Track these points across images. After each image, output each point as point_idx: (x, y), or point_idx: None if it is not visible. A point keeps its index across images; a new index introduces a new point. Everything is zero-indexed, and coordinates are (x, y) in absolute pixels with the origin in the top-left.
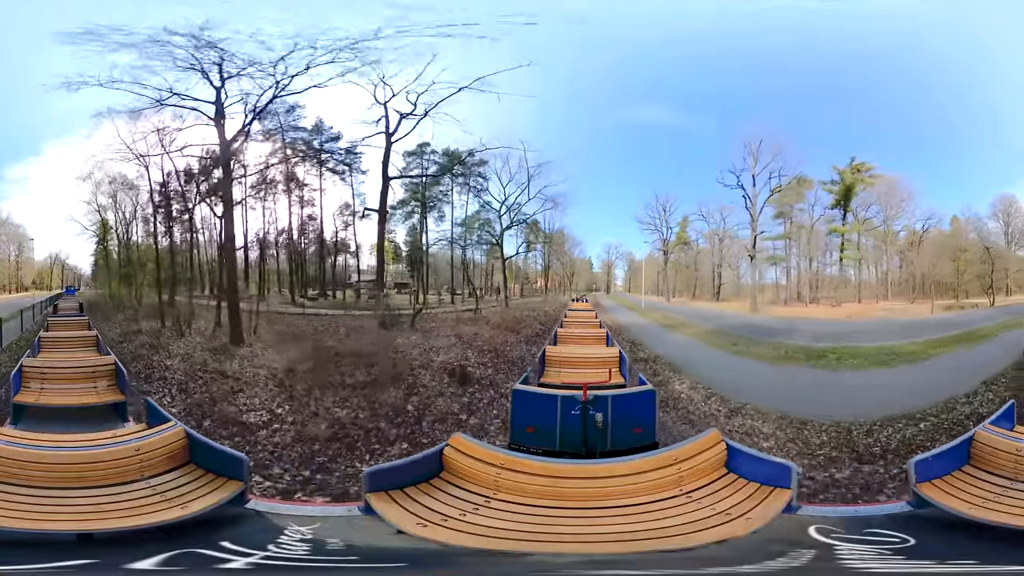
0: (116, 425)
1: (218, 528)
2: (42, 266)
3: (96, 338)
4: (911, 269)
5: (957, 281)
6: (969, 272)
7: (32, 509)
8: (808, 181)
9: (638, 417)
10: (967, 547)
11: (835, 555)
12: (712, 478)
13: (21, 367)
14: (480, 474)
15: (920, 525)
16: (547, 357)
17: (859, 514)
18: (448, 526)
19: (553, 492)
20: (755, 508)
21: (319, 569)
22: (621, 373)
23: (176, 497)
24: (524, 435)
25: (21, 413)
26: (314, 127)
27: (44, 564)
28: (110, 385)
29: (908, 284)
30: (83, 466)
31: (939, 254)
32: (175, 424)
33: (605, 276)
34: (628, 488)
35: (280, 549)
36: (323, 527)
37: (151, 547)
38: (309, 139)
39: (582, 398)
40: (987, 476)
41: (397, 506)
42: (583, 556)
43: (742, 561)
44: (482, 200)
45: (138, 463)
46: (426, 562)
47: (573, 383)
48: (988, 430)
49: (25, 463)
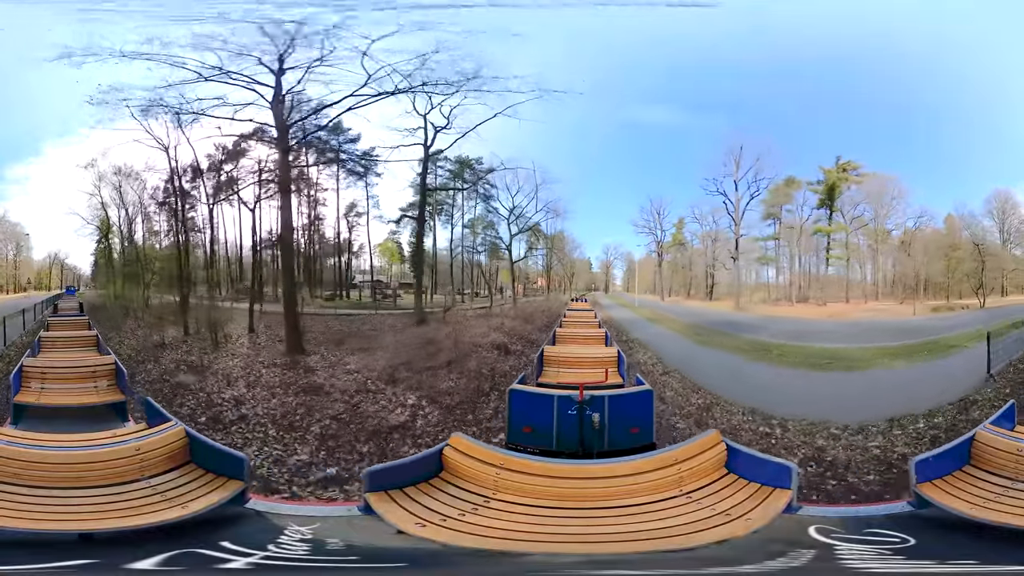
0: (116, 425)
1: (218, 528)
2: (41, 266)
3: (96, 338)
4: (904, 268)
5: (948, 281)
6: (959, 271)
7: (33, 509)
8: (797, 182)
9: (635, 417)
10: (967, 547)
11: (835, 555)
12: (712, 478)
13: (21, 367)
14: (480, 474)
15: (920, 525)
16: (545, 357)
17: (859, 514)
18: (447, 526)
19: (553, 492)
20: (755, 508)
21: (319, 569)
22: (619, 373)
23: (176, 497)
24: (521, 435)
25: (21, 413)
26: (334, 126)
27: (45, 564)
28: (110, 385)
29: (901, 284)
30: (83, 466)
31: (931, 253)
32: (175, 424)
33: (604, 276)
34: (628, 488)
35: (280, 549)
36: (323, 527)
37: (151, 547)
38: (327, 138)
39: (578, 398)
40: (988, 476)
41: (397, 506)
42: (583, 556)
43: (742, 561)
44: (489, 206)
45: (138, 463)
46: (426, 562)
47: (570, 383)
48: (989, 430)
49: (26, 463)
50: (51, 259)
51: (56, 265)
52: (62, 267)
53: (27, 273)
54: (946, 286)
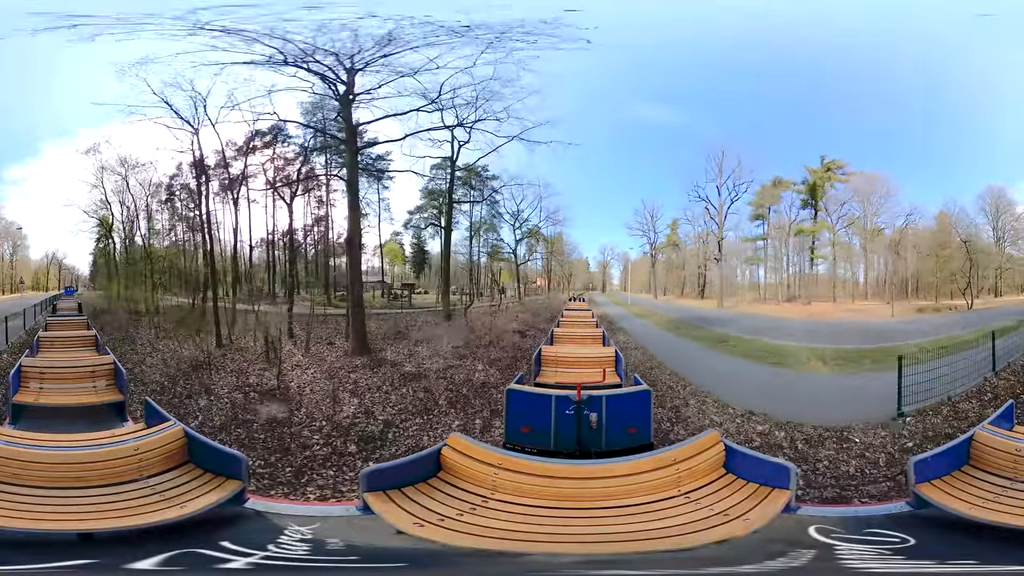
0: (115, 425)
1: (218, 528)
2: (38, 265)
3: (95, 338)
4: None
5: (937, 280)
6: (945, 270)
7: (32, 509)
8: (784, 182)
9: (633, 417)
10: (967, 547)
11: (835, 555)
12: (711, 478)
13: (20, 367)
14: (478, 474)
15: (920, 525)
16: (543, 357)
17: (859, 514)
18: (446, 526)
19: (551, 492)
20: (753, 508)
21: (319, 569)
22: (617, 373)
23: (175, 497)
24: (519, 435)
25: (20, 413)
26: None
27: (44, 564)
28: (109, 385)
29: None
30: (82, 466)
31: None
32: (173, 424)
33: (601, 276)
34: (626, 488)
35: (280, 549)
36: (323, 527)
37: (151, 547)
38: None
39: (576, 398)
40: (987, 476)
41: (395, 506)
42: (581, 556)
43: (742, 561)
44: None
45: (137, 463)
46: (425, 562)
47: (568, 383)
48: (988, 430)
49: (25, 463)
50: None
51: (54, 265)
52: (60, 267)
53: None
54: (935, 286)
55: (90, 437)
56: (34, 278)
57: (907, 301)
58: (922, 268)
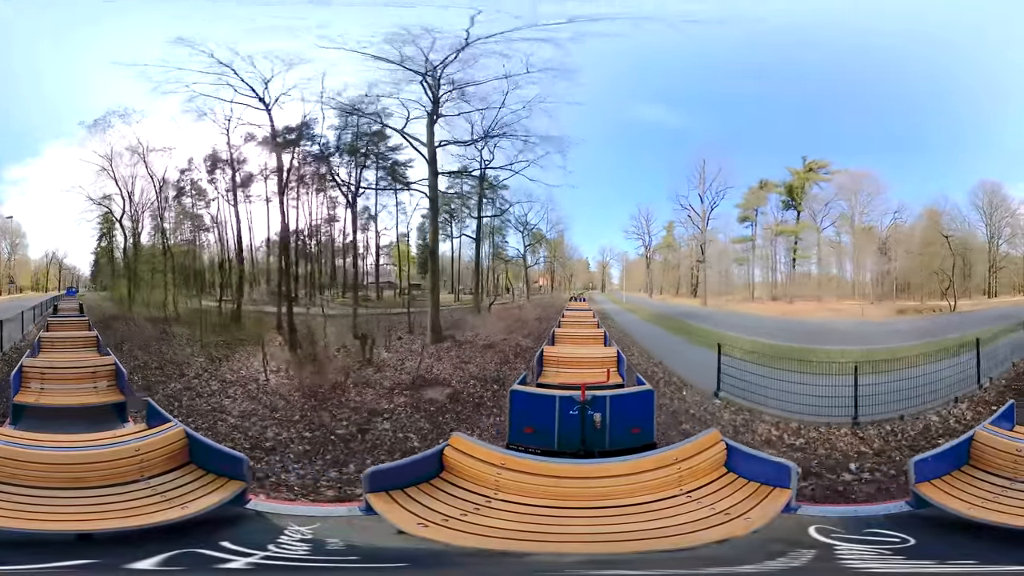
0: (116, 425)
1: (218, 528)
2: (38, 265)
3: (96, 338)
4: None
5: (921, 279)
6: (927, 269)
7: (32, 509)
8: (770, 184)
9: (636, 417)
10: (967, 547)
11: (835, 555)
12: (712, 478)
13: (21, 367)
14: (480, 474)
15: (920, 525)
16: (545, 357)
17: (859, 514)
18: (449, 526)
19: (554, 492)
20: (754, 508)
21: (319, 569)
22: (619, 373)
23: (176, 497)
24: (522, 435)
25: (21, 413)
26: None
27: (44, 564)
28: (110, 385)
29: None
30: (83, 466)
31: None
32: (175, 424)
33: (601, 276)
34: (628, 488)
35: (280, 549)
36: (323, 527)
37: (151, 547)
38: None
39: (580, 398)
40: (987, 476)
41: (398, 506)
42: (584, 556)
43: (742, 561)
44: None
45: (138, 463)
46: (427, 562)
47: (571, 383)
48: (988, 430)
49: (25, 463)
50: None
51: (54, 265)
52: (60, 267)
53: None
54: (921, 285)
55: (91, 438)
56: (33, 278)
57: (892, 301)
58: (909, 266)
